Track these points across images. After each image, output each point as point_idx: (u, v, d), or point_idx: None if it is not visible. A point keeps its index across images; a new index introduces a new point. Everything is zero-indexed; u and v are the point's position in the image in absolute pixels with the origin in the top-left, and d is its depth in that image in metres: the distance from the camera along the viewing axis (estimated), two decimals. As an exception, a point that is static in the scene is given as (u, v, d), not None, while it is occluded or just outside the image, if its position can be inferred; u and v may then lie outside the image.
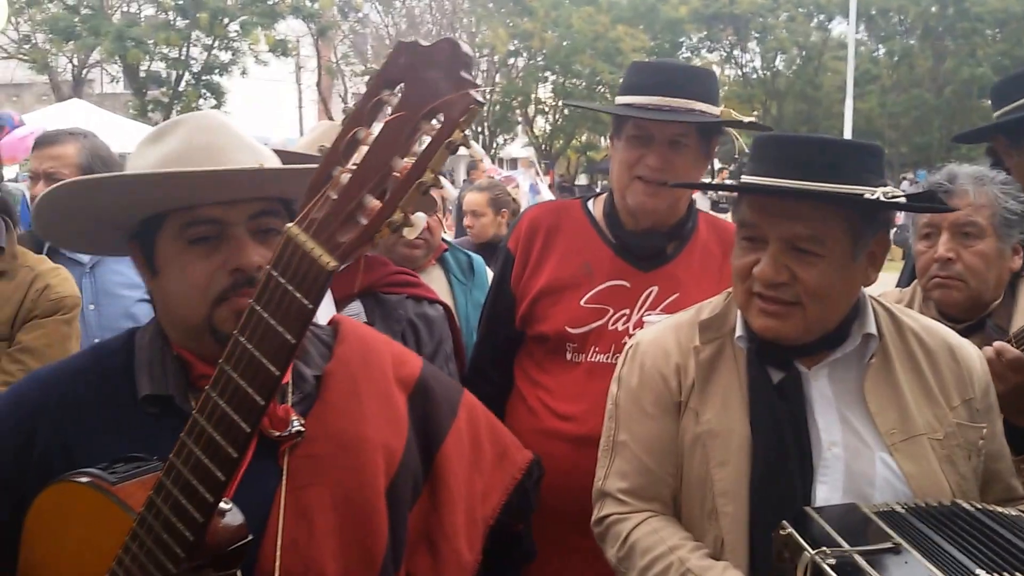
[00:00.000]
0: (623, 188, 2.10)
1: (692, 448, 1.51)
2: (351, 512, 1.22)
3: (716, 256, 2.13)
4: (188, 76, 21.29)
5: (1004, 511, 1.35)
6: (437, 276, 2.78)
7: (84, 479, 1.08)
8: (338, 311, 2.02)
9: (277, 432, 1.19)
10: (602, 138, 28.71)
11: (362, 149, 0.91)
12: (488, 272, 2.91)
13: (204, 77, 21.47)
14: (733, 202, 1.58)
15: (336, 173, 0.91)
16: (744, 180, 1.50)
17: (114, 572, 1.05)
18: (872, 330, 1.51)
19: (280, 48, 21.51)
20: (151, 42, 19.77)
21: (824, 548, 1.19)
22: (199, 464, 0.98)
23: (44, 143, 2.91)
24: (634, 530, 1.51)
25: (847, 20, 24.14)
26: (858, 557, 1.18)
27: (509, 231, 2.33)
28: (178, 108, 20.53)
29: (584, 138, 30.32)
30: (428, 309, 2.23)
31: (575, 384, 2.05)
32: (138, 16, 21.67)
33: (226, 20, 20.57)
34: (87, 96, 20.10)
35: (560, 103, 28.02)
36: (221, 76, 21.80)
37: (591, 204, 2.24)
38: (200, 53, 21.38)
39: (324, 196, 0.91)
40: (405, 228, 0.90)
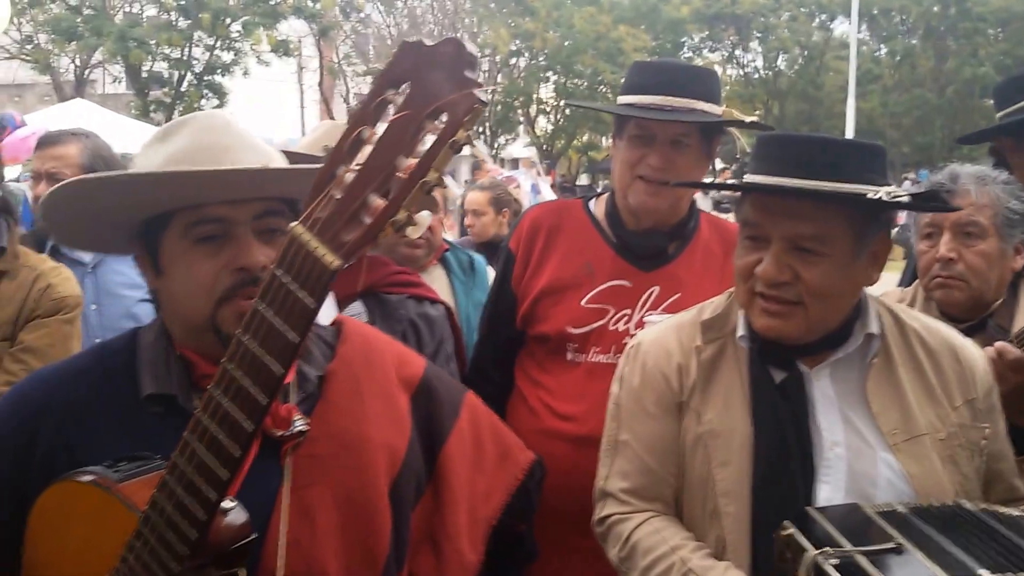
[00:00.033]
0: (625, 188, 2.10)
1: (694, 448, 1.51)
2: (354, 512, 1.22)
3: (718, 256, 2.13)
4: (190, 76, 21.29)
5: (1007, 511, 1.34)
6: (438, 276, 2.78)
7: (87, 477, 1.08)
8: (339, 311, 2.02)
9: (280, 432, 1.19)
10: (603, 138, 28.71)
11: (366, 148, 0.91)
12: (489, 272, 2.91)
13: (206, 77, 21.48)
14: (736, 202, 1.58)
15: (340, 172, 0.91)
16: (747, 179, 1.50)
17: (118, 570, 1.05)
18: (874, 330, 1.50)
19: (282, 48, 21.52)
20: (153, 42, 19.77)
21: (826, 548, 1.19)
22: (202, 463, 0.98)
23: (46, 143, 2.92)
24: (636, 530, 1.50)
25: (849, 20, 24.13)
26: (860, 557, 1.18)
27: (510, 231, 2.33)
28: (180, 108, 20.54)
29: (586, 138, 30.31)
30: (429, 309, 2.23)
31: (576, 384, 2.05)
32: (140, 16, 21.68)
33: (228, 20, 20.57)
34: (89, 96, 20.10)
35: (562, 103, 28.01)
36: (223, 76, 21.80)
37: (592, 204, 2.24)
38: (202, 53, 21.38)
39: (328, 195, 0.91)
40: (409, 227, 0.90)
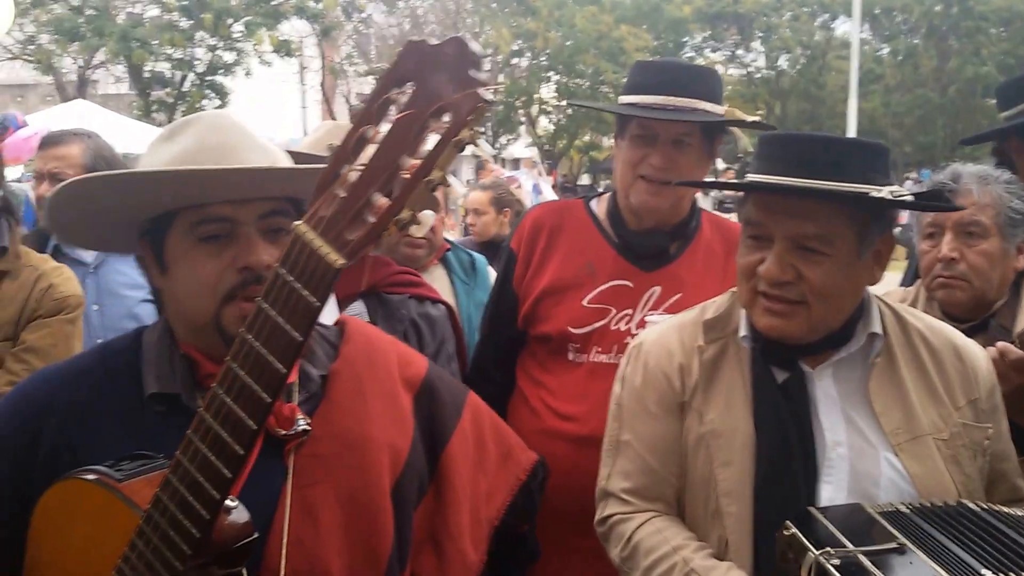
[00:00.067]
0: (627, 187, 2.09)
1: (696, 448, 1.51)
2: (356, 511, 1.22)
3: (719, 256, 2.13)
4: (192, 77, 21.27)
5: (1010, 511, 1.34)
6: (439, 276, 2.77)
7: (91, 476, 1.08)
8: (340, 311, 2.01)
9: (283, 431, 1.19)
10: (605, 138, 28.69)
11: (370, 147, 0.91)
12: (490, 272, 2.91)
13: (208, 78, 21.47)
14: (738, 202, 1.58)
15: (344, 171, 0.91)
16: (750, 179, 1.50)
17: (120, 569, 1.05)
18: (877, 329, 1.50)
19: (284, 49, 21.49)
20: (155, 43, 19.75)
21: (828, 548, 1.19)
22: (206, 461, 0.98)
23: (49, 143, 2.92)
24: (638, 530, 1.50)
25: (851, 19, 24.07)
26: (862, 557, 1.17)
27: (512, 231, 2.33)
28: (182, 109, 20.55)
29: (587, 138, 30.29)
30: (431, 309, 2.23)
31: (577, 384, 2.05)
32: (142, 17, 21.65)
33: (230, 21, 20.55)
34: (91, 97, 20.13)
35: (564, 103, 27.99)
36: (225, 76, 21.79)
37: (594, 204, 2.24)
38: (204, 54, 21.37)
39: (332, 194, 0.91)
40: (413, 226, 0.90)
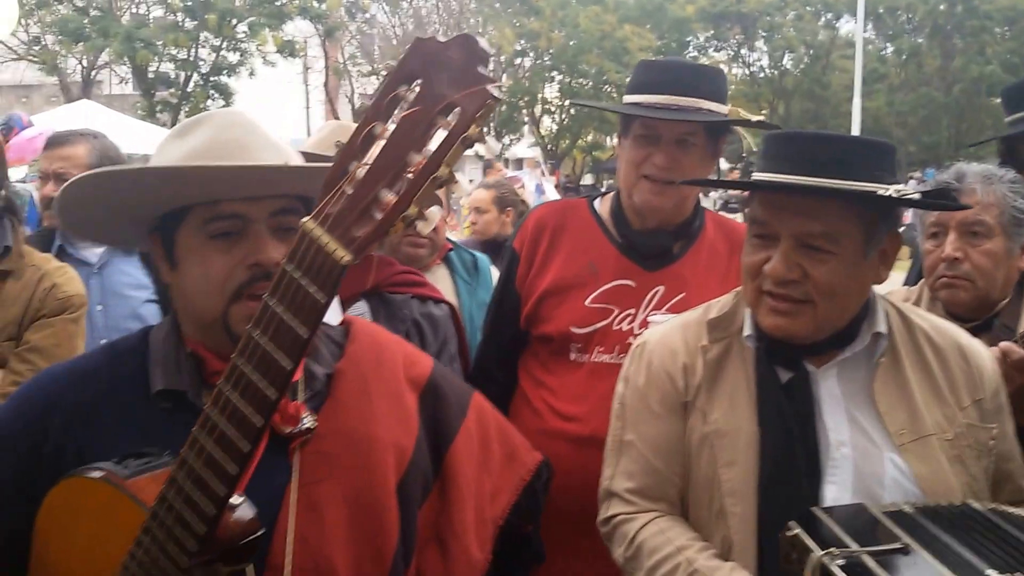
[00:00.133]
0: (630, 187, 2.09)
1: (699, 448, 1.51)
2: (361, 508, 1.22)
3: (723, 255, 2.12)
4: (196, 77, 21.32)
5: (1015, 511, 1.34)
6: (442, 275, 2.77)
7: (97, 474, 1.08)
8: (343, 311, 2.01)
9: (288, 428, 1.19)
10: (608, 138, 28.72)
11: (378, 144, 0.91)
12: (493, 271, 2.91)
13: (212, 78, 21.52)
14: (743, 201, 1.57)
15: (352, 168, 0.91)
16: (755, 177, 1.49)
17: (126, 566, 1.05)
18: (882, 329, 1.49)
19: (288, 49, 21.54)
20: (160, 43, 19.81)
21: (832, 549, 1.18)
22: (211, 458, 0.98)
23: (55, 143, 2.93)
24: (641, 530, 1.50)
25: (855, 19, 24.07)
26: (867, 558, 1.17)
27: (515, 231, 2.32)
28: (186, 109, 20.59)
29: (590, 138, 30.30)
30: (433, 309, 2.23)
31: (579, 384, 2.05)
32: (147, 17, 21.73)
33: (234, 21, 20.59)
34: (96, 97, 20.16)
35: (567, 103, 28.00)
36: (229, 77, 21.85)
37: (597, 203, 2.23)
38: (208, 54, 21.43)
39: (340, 191, 0.91)
40: (419, 222, 0.90)
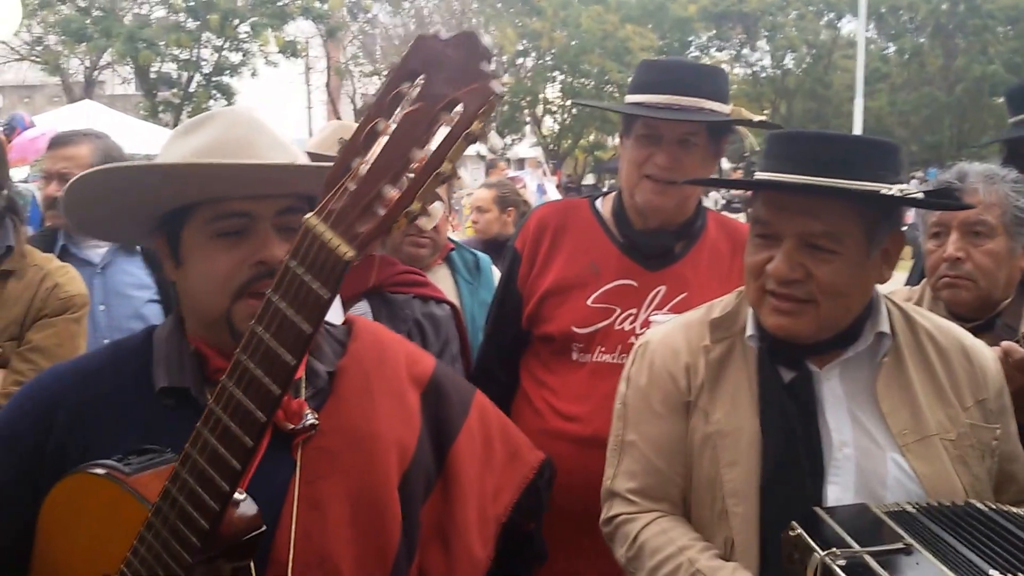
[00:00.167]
0: (632, 187, 2.09)
1: (701, 448, 1.51)
2: (364, 505, 1.23)
3: (724, 255, 2.12)
4: (199, 77, 21.32)
5: (1018, 511, 1.33)
6: (443, 275, 2.76)
7: (99, 470, 1.08)
8: (345, 310, 2.02)
9: (291, 425, 1.20)
10: (610, 138, 28.68)
11: (381, 141, 0.91)
12: (494, 271, 2.90)
13: (215, 78, 21.51)
14: (746, 201, 1.57)
15: (355, 164, 0.91)
16: (758, 177, 1.49)
17: (129, 562, 1.05)
18: (885, 329, 1.49)
19: (290, 49, 21.53)
20: (162, 43, 19.80)
21: (834, 549, 1.18)
22: (215, 453, 0.98)
23: (58, 144, 2.93)
24: (643, 530, 1.50)
25: (857, 18, 24.01)
26: (869, 558, 1.17)
27: (516, 231, 2.32)
28: (188, 109, 20.59)
29: (592, 138, 30.27)
30: (435, 309, 2.23)
31: (580, 384, 2.05)
32: (149, 18, 21.72)
33: (236, 21, 20.58)
34: (98, 97, 20.18)
35: (568, 103, 27.98)
36: (231, 77, 21.84)
37: (599, 203, 2.23)
38: (211, 54, 21.41)
39: (343, 187, 0.91)
40: (423, 218, 0.90)
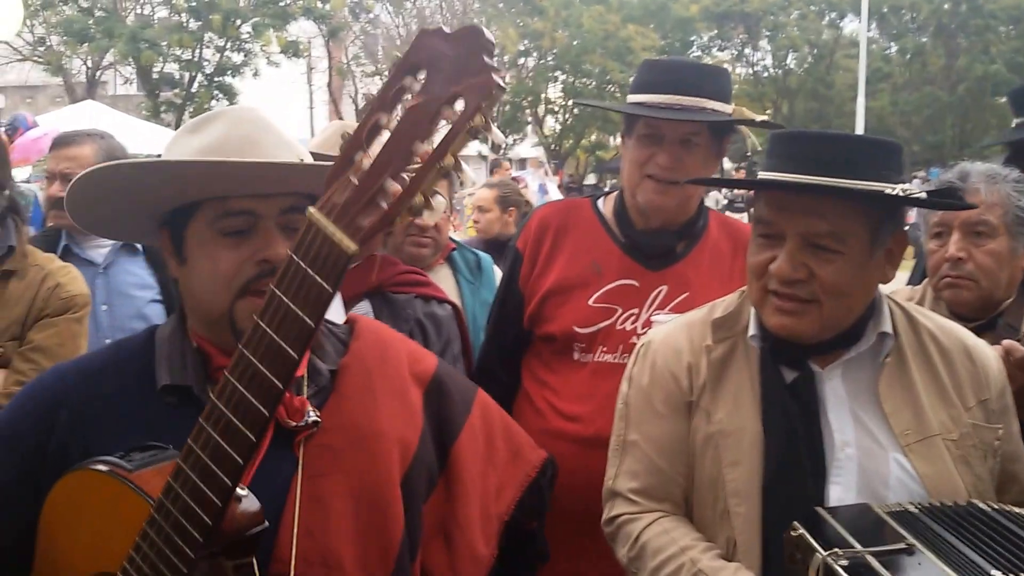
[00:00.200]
0: (633, 187, 2.09)
1: (704, 448, 1.50)
2: (366, 501, 1.23)
3: (726, 255, 2.12)
4: (201, 78, 21.33)
5: (1021, 511, 1.33)
6: (445, 275, 2.76)
7: (102, 467, 1.09)
8: (347, 310, 2.01)
9: (293, 422, 1.20)
10: (612, 138, 28.66)
11: (384, 135, 0.91)
12: (496, 271, 2.90)
13: (217, 78, 21.52)
14: (748, 200, 1.57)
15: (358, 158, 0.91)
16: (761, 177, 1.49)
17: (132, 559, 1.05)
18: (888, 329, 1.49)
19: (292, 49, 21.55)
20: (164, 44, 19.84)
21: (836, 549, 1.18)
22: (218, 448, 0.98)
23: (61, 144, 2.93)
24: (645, 530, 1.50)
25: (859, 18, 24.02)
26: (871, 558, 1.17)
27: (518, 231, 2.32)
28: (191, 110, 20.61)
29: (594, 138, 30.26)
30: (437, 309, 2.22)
31: (582, 384, 2.04)
32: (151, 18, 21.76)
33: (238, 22, 20.60)
34: (100, 98, 20.21)
35: (570, 103, 27.96)
36: (233, 77, 21.86)
37: (601, 203, 2.23)
38: (213, 55, 21.43)
39: (346, 181, 0.92)
40: (426, 211, 0.90)
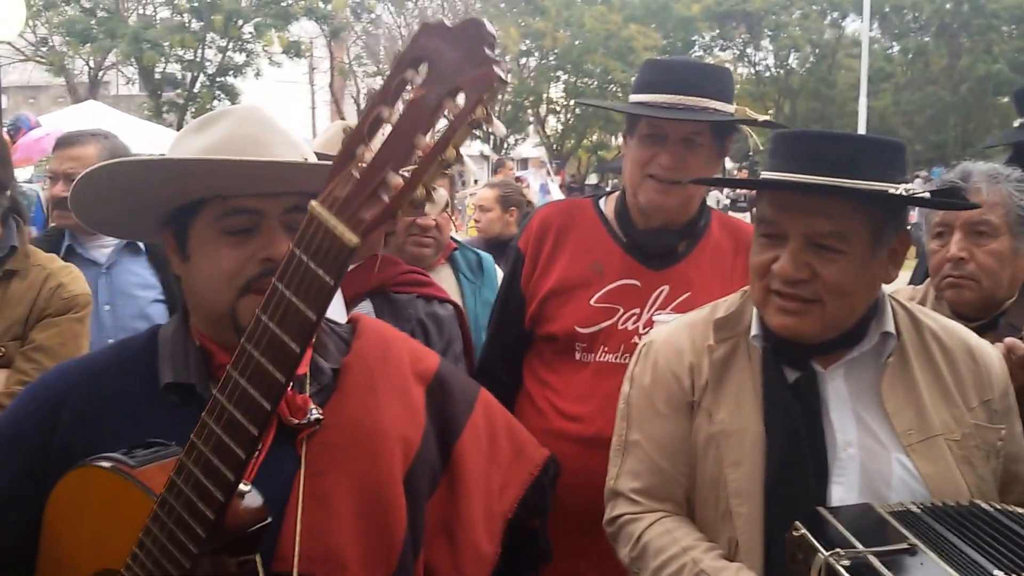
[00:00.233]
0: (635, 187, 2.09)
1: (705, 448, 1.50)
2: (369, 499, 1.23)
3: (727, 255, 2.12)
4: (203, 78, 21.34)
5: (1023, 511, 1.33)
6: (446, 275, 2.76)
7: (105, 464, 1.09)
8: (348, 310, 2.02)
9: (296, 420, 1.20)
10: (613, 137, 28.65)
11: (385, 128, 0.91)
12: (497, 271, 2.90)
13: (219, 79, 21.53)
14: (751, 200, 1.57)
15: (359, 152, 0.92)
16: (764, 176, 1.49)
17: (135, 555, 1.05)
18: (891, 329, 1.49)
19: (293, 50, 21.56)
20: (166, 44, 19.84)
21: (838, 549, 1.18)
22: (220, 443, 0.98)
23: (65, 144, 2.93)
24: (647, 530, 1.50)
25: (861, 17, 23.99)
26: (872, 558, 1.16)
27: (520, 230, 2.32)
28: (192, 110, 20.63)
29: (595, 137, 30.24)
30: (438, 308, 2.22)
31: (583, 384, 2.04)
32: (153, 18, 21.78)
33: (240, 22, 20.60)
34: (103, 98, 20.23)
35: (572, 102, 27.95)
36: (235, 78, 21.87)
37: (602, 203, 2.23)
38: (215, 55, 21.44)
39: (347, 174, 0.92)
40: (428, 204, 0.90)
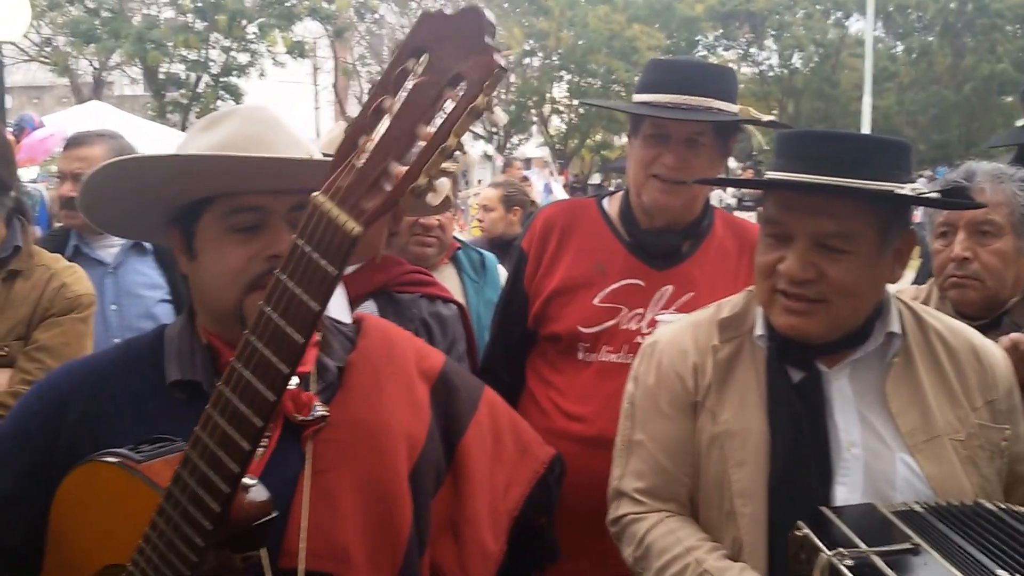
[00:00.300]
0: (639, 186, 2.09)
1: (709, 448, 1.50)
2: (374, 496, 1.23)
3: (731, 254, 2.11)
4: (207, 78, 21.37)
5: (1026, 511, 1.33)
6: (450, 275, 2.77)
7: (112, 459, 1.09)
8: (352, 310, 2.02)
9: (301, 417, 1.21)
10: (617, 137, 28.64)
11: (387, 118, 0.91)
12: (500, 270, 2.90)
13: (222, 79, 21.56)
14: (757, 200, 1.56)
15: (361, 142, 0.92)
16: (770, 176, 1.48)
17: (142, 549, 1.06)
18: (896, 329, 1.49)
19: (297, 50, 21.59)
20: (170, 44, 19.88)
21: (841, 549, 1.18)
22: (225, 435, 0.99)
23: (73, 144, 2.96)
24: (651, 530, 1.50)
25: (865, 17, 23.93)
26: (876, 558, 1.16)
27: (523, 230, 2.32)
28: (196, 110, 20.66)
29: (599, 137, 30.23)
30: (442, 308, 2.22)
31: (586, 384, 2.04)
32: (158, 19, 21.80)
33: (244, 22, 20.63)
34: (106, 98, 20.27)
35: (575, 102, 27.94)
36: (239, 78, 21.90)
37: (606, 203, 2.23)
38: (219, 55, 21.47)
39: (349, 164, 0.92)
40: (429, 193, 0.90)
